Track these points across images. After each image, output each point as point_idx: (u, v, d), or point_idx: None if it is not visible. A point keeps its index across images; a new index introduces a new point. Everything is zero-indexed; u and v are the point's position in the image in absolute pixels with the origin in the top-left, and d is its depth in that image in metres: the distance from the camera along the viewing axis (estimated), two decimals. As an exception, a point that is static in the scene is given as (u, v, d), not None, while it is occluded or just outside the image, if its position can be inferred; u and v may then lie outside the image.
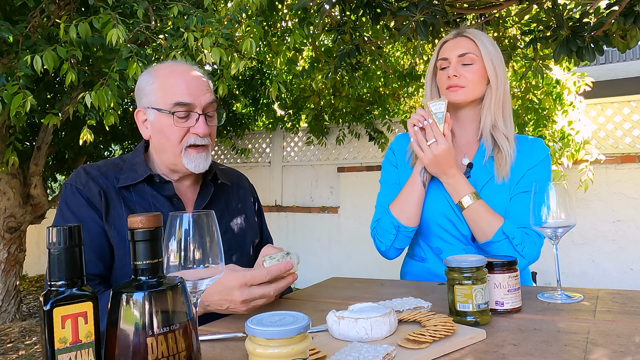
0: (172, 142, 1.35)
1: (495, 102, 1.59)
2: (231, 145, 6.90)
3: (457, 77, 1.56)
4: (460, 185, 1.51)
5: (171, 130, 1.34)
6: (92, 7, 3.15)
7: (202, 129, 1.34)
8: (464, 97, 1.57)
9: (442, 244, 1.61)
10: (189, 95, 1.33)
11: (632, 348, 0.89)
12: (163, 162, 1.40)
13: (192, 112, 1.34)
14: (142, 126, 1.40)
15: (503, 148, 1.57)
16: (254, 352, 0.69)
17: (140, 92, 1.40)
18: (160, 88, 1.35)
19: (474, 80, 1.57)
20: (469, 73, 1.57)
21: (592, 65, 7.71)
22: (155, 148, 1.41)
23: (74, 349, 0.66)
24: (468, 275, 1.05)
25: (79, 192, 1.33)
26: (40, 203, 4.85)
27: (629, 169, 4.81)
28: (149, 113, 1.37)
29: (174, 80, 1.35)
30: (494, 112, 1.59)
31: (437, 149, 1.48)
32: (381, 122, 5.87)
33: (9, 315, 4.81)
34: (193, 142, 1.35)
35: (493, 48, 1.59)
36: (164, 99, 1.34)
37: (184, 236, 0.85)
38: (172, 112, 1.32)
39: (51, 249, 0.68)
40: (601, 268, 4.87)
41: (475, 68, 1.57)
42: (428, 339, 0.91)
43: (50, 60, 2.63)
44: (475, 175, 1.59)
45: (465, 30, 1.62)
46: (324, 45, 5.08)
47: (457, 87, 1.57)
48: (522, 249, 1.49)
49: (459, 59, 1.57)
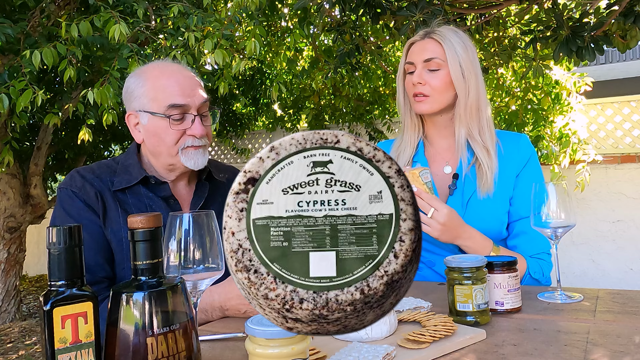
0: (167, 145, 1.31)
1: (466, 111, 1.50)
2: (231, 145, 6.90)
3: (422, 85, 1.48)
4: (479, 244, 1.40)
5: (167, 133, 1.30)
6: (92, 7, 3.15)
7: (198, 130, 1.32)
8: (429, 107, 1.50)
9: (433, 256, 1.55)
10: (183, 96, 1.30)
11: (632, 348, 0.89)
12: (159, 163, 1.37)
13: (187, 113, 1.31)
14: (134, 130, 1.36)
15: (483, 162, 1.48)
16: (254, 352, 0.69)
17: (129, 95, 1.35)
18: (152, 90, 1.31)
19: (440, 89, 1.48)
20: (435, 79, 1.48)
21: (592, 65, 7.71)
22: (150, 151, 1.37)
23: (74, 349, 0.66)
24: (468, 275, 1.05)
25: (75, 195, 1.29)
26: (40, 203, 4.85)
27: (629, 169, 4.81)
28: (141, 116, 1.33)
29: (165, 81, 1.31)
30: (467, 122, 1.50)
31: (442, 217, 1.34)
32: (381, 122, 5.88)
33: (9, 315, 4.81)
34: (190, 144, 1.32)
35: (463, 51, 1.48)
36: (157, 102, 1.30)
37: (183, 236, 0.85)
38: (168, 116, 1.29)
39: (51, 249, 0.68)
40: (601, 268, 4.87)
41: (441, 74, 1.48)
42: (428, 339, 0.91)
43: (49, 57, 2.64)
44: (459, 186, 1.52)
45: (434, 31, 1.52)
46: (324, 45, 5.08)
47: (422, 96, 1.49)
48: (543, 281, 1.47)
49: (424, 64, 1.49)
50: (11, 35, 2.82)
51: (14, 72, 2.80)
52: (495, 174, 1.49)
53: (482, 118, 1.52)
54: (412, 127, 1.61)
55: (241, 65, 2.82)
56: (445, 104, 1.51)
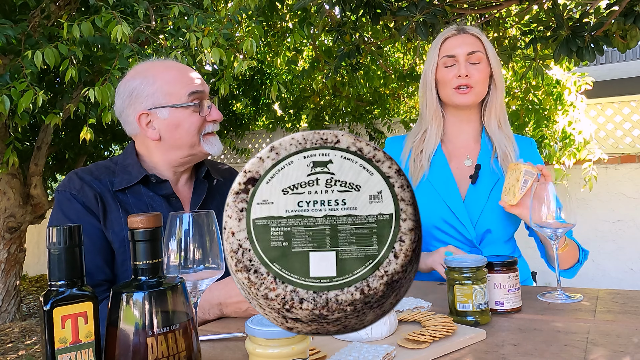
0: (191, 134, 1.34)
1: (500, 104, 1.57)
2: (231, 145, 6.90)
3: (468, 77, 1.51)
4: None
5: (190, 122, 1.33)
6: (92, 7, 3.16)
7: (218, 114, 1.37)
8: (473, 99, 1.54)
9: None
10: (199, 84, 1.35)
11: (631, 348, 0.89)
12: (174, 158, 1.36)
13: (203, 100, 1.35)
14: (147, 129, 1.34)
15: (507, 148, 1.54)
16: (254, 352, 0.69)
17: (136, 97, 1.34)
18: (165, 85, 1.32)
19: (482, 81, 1.53)
20: (477, 72, 1.52)
21: (592, 65, 7.71)
22: (166, 147, 1.35)
23: (74, 349, 0.66)
24: (468, 275, 1.05)
25: (74, 198, 1.28)
26: (40, 203, 4.85)
27: (629, 169, 4.81)
28: (159, 113, 1.32)
29: (176, 73, 1.34)
30: (498, 114, 1.57)
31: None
32: (381, 122, 5.88)
33: (9, 315, 4.81)
34: (210, 130, 1.37)
35: (492, 47, 1.57)
36: (175, 94, 1.32)
37: (184, 236, 0.85)
38: (190, 104, 1.32)
39: (51, 249, 0.68)
40: (601, 268, 4.87)
41: (482, 67, 1.53)
42: (428, 339, 0.91)
43: (51, 57, 2.64)
44: (482, 176, 1.55)
45: (467, 27, 1.58)
46: (324, 45, 5.09)
47: (468, 87, 1.52)
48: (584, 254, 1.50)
49: (467, 57, 1.52)
50: (12, 36, 2.82)
51: (15, 73, 2.80)
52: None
53: (505, 112, 1.60)
54: (438, 122, 1.62)
55: (243, 65, 2.83)
56: (482, 96, 1.57)
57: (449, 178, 1.55)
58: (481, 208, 1.51)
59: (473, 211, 1.52)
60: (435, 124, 1.61)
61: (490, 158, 1.56)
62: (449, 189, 1.54)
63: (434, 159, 1.59)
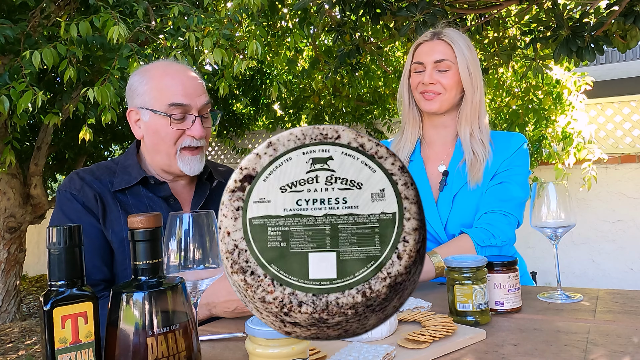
0: (166, 144, 1.33)
1: (471, 111, 1.55)
2: (231, 145, 6.90)
3: (434, 84, 1.53)
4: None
5: (166, 132, 1.32)
6: (92, 7, 3.15)
7: (198, 131, 1.33)
8: (439, 106, 1.54)
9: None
10: (185, 97, 1.32)
11: (631, 348, 0.89)
12: (157, 163, 1.38)
13: (188, 114, 1.33)
14: (135, 126, 1.38)
15: (478, 154, 1.53)
16: (254, 352, 0.69)
17: (132, 92, 1.37)
18: (154, 89, 1.33)
19: (450, 87, 1.53)
20: (445, 79, 1.53)
21: (592, 65, 7.71)
22: (148, 149, 1.39)
23: (74, 349, 0.66)
24: (468, 275, 1.05)
25: (74, 198, 1.30)
26: (40, 203, 4.85)
27: (629, 169, 4.81)
28: (143, 113, 1.35)
29: (169, 80, 1.33)
30: (471, 121, 1.56)
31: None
32: (381, 122, 5.88)
33: (9, 315, 4.81)
34: (188, 144, 1.34)
35: (469, 52, 1.55)
36: (159, 100, 1.32)
37: (184, 236, 0.85)
38: (169, 115, 1.30)
39: (51, 249, 0.68)
40: (601, 268, 4.87)
41: (450, 74, 1.53)
42: (428, 339, 0.91)
43: (49, 57, 2.64)
44: (450, 182, 1.56)
45: (442, 33, 1.57)
46: (324, 45, 5.08)
47: (432, 94, 1.53)
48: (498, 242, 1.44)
49: (434, 64, 1.53)
50: (11, 36, 2.82)
51: (15, 73, 2.80)
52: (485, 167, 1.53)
53: (481, 117, 1.58)
54: (414, 125, 1.65)
55: (242, 65, 2.82)
56: (452, 103, 1.56)
57: (423, 182, 1.59)
58: (448, 212, 1.54)
59: (444, 214, 1.55)
60: (410, 126, 1.65)
61: (460, 162, 1.56)
62: (423, 192, 1.56)
63: (412, 163, 1.63)
